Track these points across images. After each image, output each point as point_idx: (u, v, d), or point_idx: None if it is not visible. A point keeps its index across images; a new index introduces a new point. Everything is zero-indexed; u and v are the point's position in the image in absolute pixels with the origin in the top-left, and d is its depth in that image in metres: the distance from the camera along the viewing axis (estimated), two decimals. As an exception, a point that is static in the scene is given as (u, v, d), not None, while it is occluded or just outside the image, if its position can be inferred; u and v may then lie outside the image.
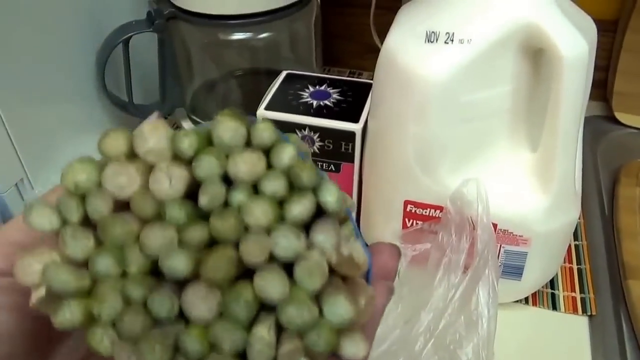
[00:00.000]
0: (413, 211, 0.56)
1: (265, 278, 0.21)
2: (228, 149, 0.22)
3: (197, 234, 0.21)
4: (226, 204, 0.22)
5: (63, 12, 0.67)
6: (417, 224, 0.57)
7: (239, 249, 0.21)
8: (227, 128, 0.22)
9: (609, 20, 0.85)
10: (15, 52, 0.61)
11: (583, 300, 0.60)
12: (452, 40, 0.47)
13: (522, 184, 0.52)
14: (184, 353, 0.21)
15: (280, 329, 0.22)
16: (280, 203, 0.22)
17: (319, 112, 0.60)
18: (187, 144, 0.21)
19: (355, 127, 0.58)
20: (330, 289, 0.22)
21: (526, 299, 0.61)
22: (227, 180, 0.22)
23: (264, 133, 0.22)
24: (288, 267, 0.21)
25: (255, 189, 0.22)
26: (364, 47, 0.97)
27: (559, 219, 0.53)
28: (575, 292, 0.61)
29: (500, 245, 0.54)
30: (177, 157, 0.22)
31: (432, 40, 0.48)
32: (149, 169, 0.21)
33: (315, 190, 0.22)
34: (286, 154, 0.22)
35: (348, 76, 0.99)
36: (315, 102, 0.61)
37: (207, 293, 0.21)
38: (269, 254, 0.21)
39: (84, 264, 0.22)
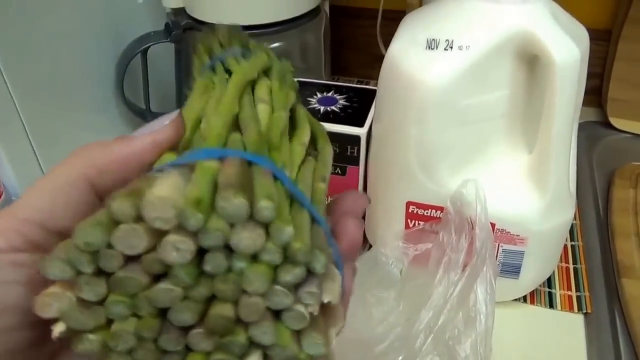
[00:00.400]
0: (415, 212, 0.55)
1: (259, 329, 0.23)
2: (231, 220, 0.22)
3: (201, 291, 0.23)
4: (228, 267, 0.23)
5: (84, 23, 0.67)
6: (419, 224, 0.56)
7: (238, 308, 0.23)
8: (232, 204, 0.22)
9: (602, 30, 0.85)
10: (38, 63, 0.61)
11: (579, 298, 0.59)
12: (452, 47, 0.47)
13: (519, 185, 0.52)
14: None
15: (266, 356, 0.24)
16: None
17: (326, 117, 0.60)
18: (194, 221, 0.22)
19: (360, 132, 0.58)
20: (309, 329, 0.24)
21: (524, 298, 0.60)
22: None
23: (265, 212, 0.22)
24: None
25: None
26: (371, 57, 0.97)
27: (555, 219, 0.52)
28: (571, 290, 0.60)
29: (499, 245, 0.54)
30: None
31: (432, 47, 0.48)
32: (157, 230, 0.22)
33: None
34: (286, 234, 0.23)
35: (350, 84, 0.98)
36: (322, 108, 0.61)
37: (209, 336, 0.23)
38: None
39: (99, 302, 0.23)
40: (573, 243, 0.66)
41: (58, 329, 0.23)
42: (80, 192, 0.25)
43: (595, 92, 0.87)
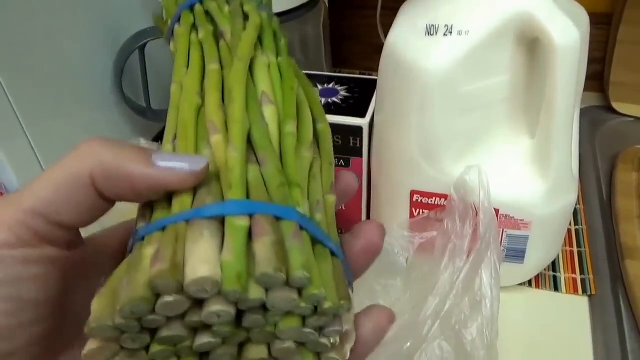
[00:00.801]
0: (419, 201, 0.56)
1: None
2: (269, 287, 0.23)
3: (239, 339, 0.24)
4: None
5: (80, 20, 0.67)
6: (423, 212, 0.56)
7: (271, 349, 0.25)
8: (272, 278, 0.23)
9: (603, 13, 0.85)
10: (34, 61, 0.61)
11: (583, 281, 0.60)
12: (451, 32, 0.47)
13: (521, 170, 0.52)
14: None
15: None
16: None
17: (328, 109, 0.60)
18: (235, 295, 0.22)
19: (363, 122, 0.58)
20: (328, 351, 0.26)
21: (530, 282, 0.60)
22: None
23: (301, 281, 0.23)
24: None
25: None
26: (372, 48, 0.96)
27: (558, 202, 0.53)
28: (575, 273, 0.61)
29: (503, 230, 0.54)
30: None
31: (432, 33, 0.48)
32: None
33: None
34: (319, 297, 0.24)
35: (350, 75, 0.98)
36: (323, 100, 0.61)
37: None
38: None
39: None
40: (577, 227, 0.66)
41: None
42: (84, 190, 0.25)
43: (597, 77, 0.87)
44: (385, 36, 0.53)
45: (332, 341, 0.25)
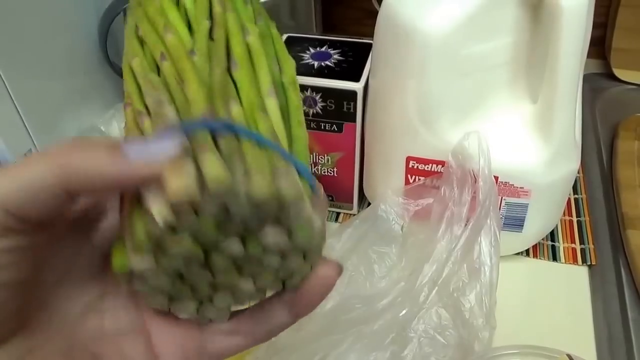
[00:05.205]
0: (415, 167, 0.56)
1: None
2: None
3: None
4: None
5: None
6: (419, 179, 0.57)
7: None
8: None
9: (606, -24, 0.84)
10: (18, 25, 0.60)
11: (583, 251, 0.60)
12: (452, -7, 0.47)
13: (523, 136, 0.52)
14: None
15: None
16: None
17: (321, 73, 0.60)
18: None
19: (357, 86, 0.58)
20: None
21: (527, 251, 0.61)
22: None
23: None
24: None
25: None
26: (362, 12, 0.96)
27: (560, 170, 0.53)
28: (575, 243, 0.62)
29: (502, 198, 0.54)
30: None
31: (431, -7, 0.48)
32: None
33: None
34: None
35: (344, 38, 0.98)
36: (316, 63, 0.61)
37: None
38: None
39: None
40: (576, 196, 0.67)
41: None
42: (51, 193, 0.24)
43: (599, 43, 0.87)
44: (377, 0, 0.52)
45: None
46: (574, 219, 0.64)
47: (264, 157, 0.27)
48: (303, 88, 0.59)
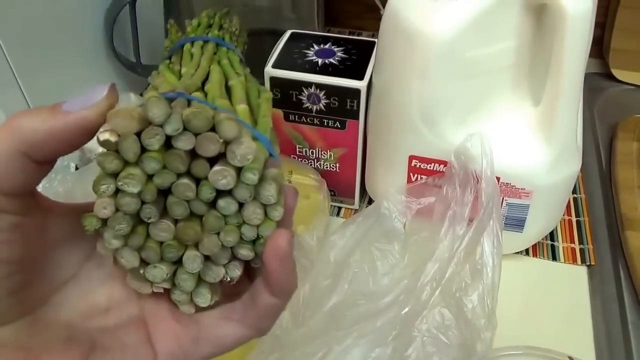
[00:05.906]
0: (417, 166, 0.56)
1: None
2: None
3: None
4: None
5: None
6: (421, 178, 0.57)
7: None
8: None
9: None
10: (27, 15, 0.61)
11: (582, 251, 0.61)
12: (458, -4, 0.47)
13: (525, 138, 0.53)
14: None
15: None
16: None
17: (325, 70, 0.60)
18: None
19: (360, 84, 0.58)
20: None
21: (526, 251, 0.62)
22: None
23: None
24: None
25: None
26: (363, 7, 0.96)
27: (561, 172, 0.54)
28: (574, 243, 0.62)
29: (503, 198, 0.55)
30: None
31: (437, -4, 0.48)
32: None
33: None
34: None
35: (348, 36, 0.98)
36: (320, 61, 0.62)
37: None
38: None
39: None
40: (576, 196, 0.68)
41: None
42: (15, 164, 0.26)
43: (597, 43, 0.87)
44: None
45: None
46: (573, 219, 0.65)
47: (210, 110, 0.28)
48: (307, 85, 0.59)
